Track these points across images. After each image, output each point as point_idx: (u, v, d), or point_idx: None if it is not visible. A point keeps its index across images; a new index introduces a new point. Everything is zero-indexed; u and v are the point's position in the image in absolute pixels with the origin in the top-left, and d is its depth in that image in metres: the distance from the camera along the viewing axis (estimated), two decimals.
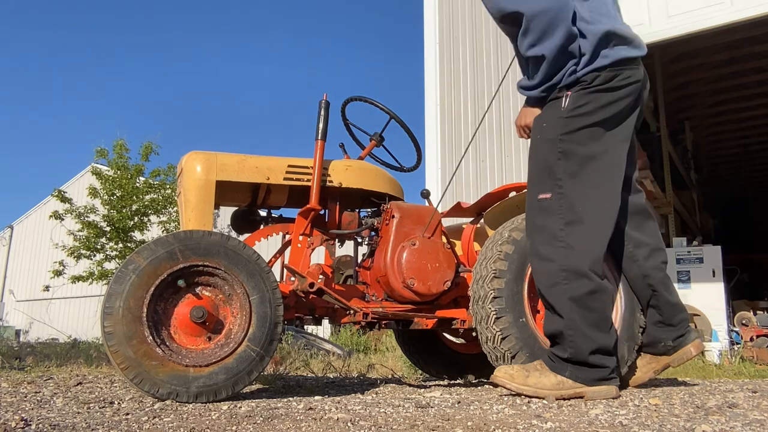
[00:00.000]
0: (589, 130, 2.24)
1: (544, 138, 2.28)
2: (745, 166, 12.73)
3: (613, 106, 2.26)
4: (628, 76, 2.28)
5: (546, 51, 2.20)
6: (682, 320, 2.50)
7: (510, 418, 1.74)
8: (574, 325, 2.16)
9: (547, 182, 2.24)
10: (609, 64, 2.24)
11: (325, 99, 2.64)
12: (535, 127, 2.35)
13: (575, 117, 2.23)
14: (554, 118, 2.27)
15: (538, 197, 2.26)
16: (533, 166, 2.32)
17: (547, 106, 2.32)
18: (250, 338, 2.14)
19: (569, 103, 2.25)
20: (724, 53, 7.95)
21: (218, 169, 2.56)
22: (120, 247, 12.30)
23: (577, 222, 2.20)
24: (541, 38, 2.19)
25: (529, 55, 2.25)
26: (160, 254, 2.10)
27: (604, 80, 2.24)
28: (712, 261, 7.11)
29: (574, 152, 2.23)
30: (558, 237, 2.20)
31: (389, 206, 2.81)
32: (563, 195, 2.21)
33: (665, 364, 2.51)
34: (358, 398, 2.30)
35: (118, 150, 12.89)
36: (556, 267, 2.19)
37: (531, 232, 2.31)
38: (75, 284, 12.86)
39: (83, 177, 19.60)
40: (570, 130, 2.23)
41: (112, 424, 1.61)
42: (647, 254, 2.47)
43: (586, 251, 2.19)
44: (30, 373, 3.33)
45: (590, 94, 2.24)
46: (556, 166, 2.23)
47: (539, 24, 2.17)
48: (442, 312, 2.82)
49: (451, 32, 7.32)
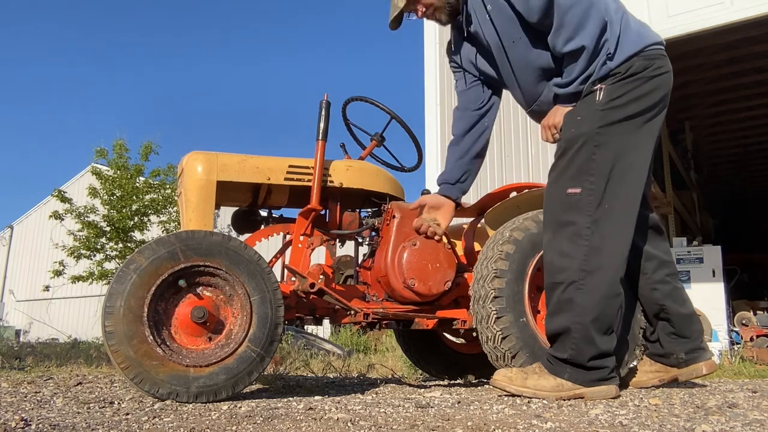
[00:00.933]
0: (625, 124, 2.19)
1: (579, 132, 2.21)
2: (745, 166, 12.72)
3: (647, 98, 2.22)
4: (660, 65, 2.25)
5: (585, 42, 2.16)
6: (696, 332, 2.47)
7: (510, 418, 1.74)
8: (581, 327, 2.13)
9: (578, 177, 2.18)
10: (639, 51, 2.22)
11: (326, 99, 2.64)
12: (568, 123, 2.28)
13: (611, 110, 2.19)
14: (590, 111, 2.21)
15: (567, 191, 2.19)
16: (564, 159, 2.24)
17: (581, 101, 2.27)
18: (250, 339, 2.14)
19: (604, 95, 2.20)
20: (724, 53, 7.94)
21: (219, 169, 2.56)
22: (120, 247, 12.30)
23: (603, 221, 2.15)
24: (578, 30, 2.15)
25: (567, 50, 2.21)
26: (162, 254, 2.10)
27: (638, 69, 2.21)
28: (712, 261, 7.11)
29: (609, 147, 2.17)
30: (583, 235, 2.15)
31: (390, 206, 2.81)
32: (593, 192, 2.16)
33: (673, 377, 2.49)
34: (358, 398, 2.30)
35: (118, 150, 12.89)
36: (577, 265, 2.13)
37: (553, 226, 2.23)
38: (75, 284, 12.86)
39: (83, 177, 19.60)
40: (606, 123, 2.18)
41: (112, 424, 1.61)
42: (655, 267, 2.46)
43: (610, 253, 2.15)
44: (30, 373, 3.33)
45: (626, 85, 2.20)
46: (591, 162, 2.17)
47: (574, 17, 2.14)
48: (443, 312, 2.81)
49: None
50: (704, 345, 2.49)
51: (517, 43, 2.38)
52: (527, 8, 2.27)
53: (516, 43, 2.38)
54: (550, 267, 2.23)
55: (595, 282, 2.13)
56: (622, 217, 2.20)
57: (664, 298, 2.45)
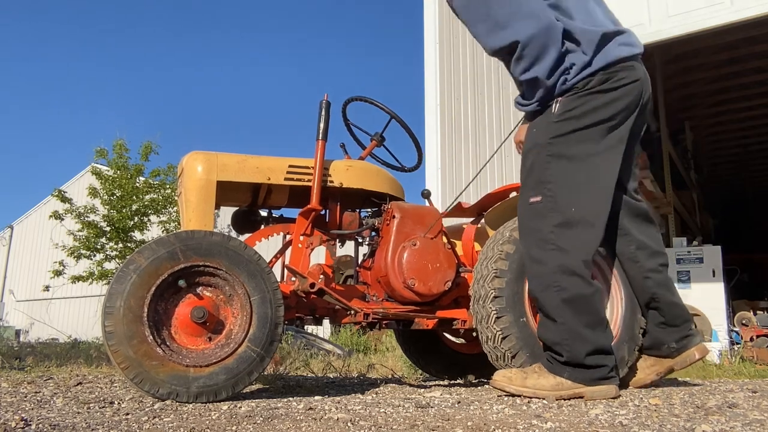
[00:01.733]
0: (580, 133, 2.26)
1: (533, 143, 2.33)
2: (745, 166, 12.72)
3: (606, 109, 2.27)
4: (623, 77, 2.30)
5: (539, 73, 2.25)
6: (685, 321, 2.50)
7: (510, 418, 1.74)
8: (568, 328, 2.17)
9: (537, 186, 2.28)
10: (601, 68, 2.27)
11: (326, 99, 2.65)
12: (526, 136, 2.39)
13: (564, 121, 2.27)
14: (544, 123, 2.31)
15: (529, 201, 2.29)
16: (524, 170, 2.36)
17: (540, 116, 2.36)
18: (250, 339, 2.14)
19: (559, 108, 2.28)
20: (724, 53, 7.94)
21: (219, 169, 2.56)
22: (120, 247, 12.31)
23: (566, 224, 2.22)
24: (534, 63, 2.24)
25: (522, 79, 2.30)
26: (162, 254, 2.10)
27: (596, 83, 2.27)
28: (712, 261, 7.11)
29: (563, 155, 2.25)
30: (549, 240, 2.22)
31: (390, 206, 2.81)
32: (553, 198, 2.24)
33: (669, 367, 2.51)
34: (358, 398, 2.30)
35: (118, 150, 12.90)
36: (548, 269, 2.21)
37: (524, 236, 2.34)
38: (75, 284, 12.87)
39: (83, 177, 19.61)
40: (559, 133, 2.26)
41: (112, 424, 1.61)
42: (648, 256, 2.49)
43: (577, 253, 2.21)
44: (30, 373, 3.33)
45: (581, 98, 2.26)
46: (545, 170, 2.26)
47: (531, 50, 2.22)
48: (443, 312, 2.82)
49: (451, 32, 7.32)
50: (693, 332, 2.51)
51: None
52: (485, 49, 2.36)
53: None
54: (528, 276, 2.34)
55: (569, 281, 2.19)
56: (588, 217, 2.25)
57: (656, 286, 2.47)
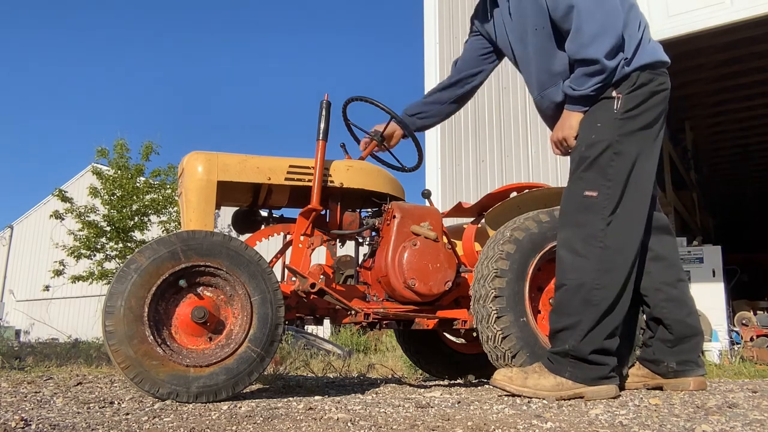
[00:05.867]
0: (640, 133, 2.29)
1: (600, 137, 2.28)
2: (745, 166, 12.72)
3: (654, 110, 2.33)
4: (662, 81, 2.36)
5: (599, 54, 2.21)
6: (694, 345, 2.44)
7: (510, 418, 1.74)
8: (584, 325, 2.17)
9: (596, 180, 2.26)
10: (650, 63, 2.31)
11: (326, 99, 2.64)
12: (587, 127, 2.32)
13: (628, 119, 2.28)
14: (609, 119, 2.29)
15: (584, 193, 2.27)
16: (581, 161, 2.30)
17: (597, 106, 2.32)
18: (250, 339, 2.15)
19: (622, 104, 2.28)
20: (724, 53, 7.93)
21: (219, 169, 2.56)
22: (120, 247, 12.31)
23: (616, 225, 2.23)
24: (593, 40, 2.21)
25: (580, 57, 2.26)
26: (163, 254, 2.10)
27: (644, 81, 2.30)
28: (712, 261, 7.12)
29: (627, 154, 2.26)
30: (597, 237, 2.22)
31: (390, 206, 2.81)
32: (609, 196, 2.25)
33: (658, 384, 2.46)
34: (358, 398, 2.30)
35: (119, 150, 12.90)
36: (591, 266, 2.21)
37: (569, 226, 2.30)
38: (75, 284, 12.87)
39: (84, 177, 19.61)
40: (625, 132, 2.27)
41: (112, 424, 1.61)
42: (663, 268, 2.47)
43: (623, 256, 2.23)
44: (30, 373, 3.33)
45: (637, 96, 2.29)
46: (609, 167, 2.25)
47: (591, 26, 2.21)
48: (443, 312, 2.82)
49: (451, 32, 7.32)
50: (699, 361, 2.44)
51: (539, 32, 2.44)
52: (554, 3, 2.33)
53: (538, 32, 2.44)
54: (562, 265, 2.29)
55: (611, 282, 2.20)
56: (634, 222, 2.29)
57: (667, 301, 2.43)
